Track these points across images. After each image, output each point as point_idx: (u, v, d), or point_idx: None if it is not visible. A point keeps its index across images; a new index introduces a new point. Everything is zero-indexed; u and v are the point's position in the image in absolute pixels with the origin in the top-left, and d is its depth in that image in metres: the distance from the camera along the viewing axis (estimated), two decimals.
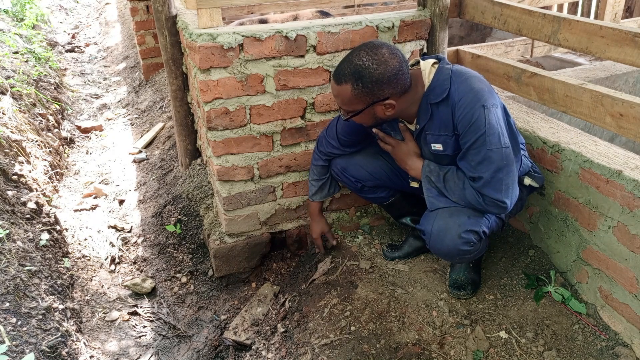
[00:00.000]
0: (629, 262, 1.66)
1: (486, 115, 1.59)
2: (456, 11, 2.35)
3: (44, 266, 2.16)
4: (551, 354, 1.69)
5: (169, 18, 2.59)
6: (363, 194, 2.15)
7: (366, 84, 1.58)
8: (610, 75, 2.80)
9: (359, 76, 1.58)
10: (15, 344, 1.66)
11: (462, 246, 1.71)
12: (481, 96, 1.60)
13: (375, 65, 1.57)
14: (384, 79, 1.58)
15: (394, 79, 1.60)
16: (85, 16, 8.61)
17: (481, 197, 1.66)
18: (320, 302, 2.08)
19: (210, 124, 2.07)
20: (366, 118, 1.71)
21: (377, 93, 1.61)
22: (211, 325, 2.24)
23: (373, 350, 1.77)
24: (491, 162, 1.60)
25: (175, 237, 2.67)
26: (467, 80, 1.65)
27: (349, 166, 2.07)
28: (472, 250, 1.76)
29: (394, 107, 1.66)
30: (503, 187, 1.62)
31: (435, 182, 1.76)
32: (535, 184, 1.84)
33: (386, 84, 1.59)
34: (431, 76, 1.69)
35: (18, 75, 3.83)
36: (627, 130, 1.68)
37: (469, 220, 1.70)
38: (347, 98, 1.63)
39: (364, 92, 1.60)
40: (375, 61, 1.57)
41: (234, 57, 1.98)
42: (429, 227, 1.75)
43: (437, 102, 1.67)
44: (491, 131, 1.59)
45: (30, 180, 2.77)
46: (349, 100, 1.64)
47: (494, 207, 1.67)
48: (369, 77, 1.57)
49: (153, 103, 4.38)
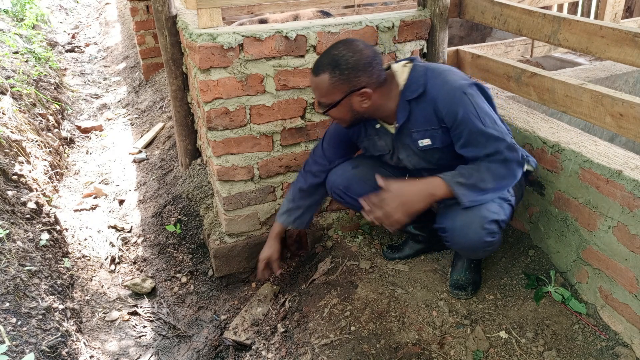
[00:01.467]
0: (629, 262, 1.66)
1: (470, 99, 1.64)
2: (456, 11, 2.35)
3: (44, 266, 2.16)
4: (551, 354, 1.69)
5: (169, 18, 2.59)
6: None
7: (342, 70, 1.64)
8: (610, 75, 2.80)
9: (336, 64, 1.64)
10: (15, 344, 1.66)
11: (486, 237, 1.72)
12: (458, 85, 1.66)
13: (351, 53, 1.64)
14: (359, 65, 1.64)
15: (369, 66, 1.66)
16: (85, 16, 8.61)
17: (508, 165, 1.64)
18: (320, 302, 2.08)
19: (210, 124, 2.07)
20: (344, 111, 1.73)
21: (353, 81, 1.65)
22: (211, 325, 2.24)
23: (373, 350, 1.77)
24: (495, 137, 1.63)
25: (175, 237, 2.67)
26: (441, 74, 1.70)
27: (352, 184, 1.96)
28: (494, 242, 1.78)
29: (370, 98, 1.69)
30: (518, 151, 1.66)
31: (465, 181, 1.64)
32: (531, 168, 1.84)
33: (362, 71, 1.65)
34: (405, 75, 1.74)
35: (18, 75, 3.83)
36: (627, 130, 1.68)
37: (489, 211, 1.71)
38: (325, 88, 1.68)
39: (341, 80, 1.65)
40: (350, 50, 1.65)
41: (234, 57, 1.98)
42: (450, 224, 1.73)
43: (414, 98, 1.71)
44: (481, 110, 1.64)
45: (30, 180, 2.77)
46: (326, 90, 1.68)
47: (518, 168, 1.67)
48: (345, 64, 1.63)
49: (153, 103, 4.38)
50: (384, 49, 2.21)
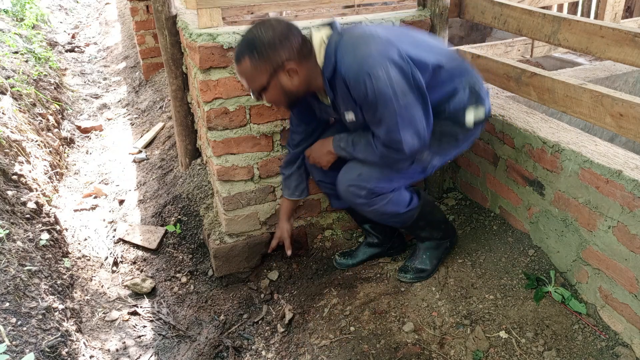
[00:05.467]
0: (629, 262, 1.66)
1: (374, 83, 1.57)
2: (456, 11, 2.35)
3: (44, 266, 2.16)
4: (551, 354, 1.69)
5: (169, 18, 2.59)
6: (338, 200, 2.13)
7: (260, 51, 1.60)
8: (610, 75, 2.80)
9: (252, 46, 1.61)
10: (15, 344, 1.66)
11: (352, 198, 1.86)
12: (365, 63, 1.58)
13: (263, 32, 1.62)
14: (274, 41, 1.61)
15: (285, 40, 1.62)
16: (85, 16, 8.61)
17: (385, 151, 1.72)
18: (320, 302, 2.08)
19: (210, 124, 2.07)
20: (276, 93, 1.70)
21: (273, 58, 1.61)
22: (211, 325, 2.24)
23: (373, 350, 1.77)
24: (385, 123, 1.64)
25: (175, 237, 2.67)
26: (352, 49, 1.63)
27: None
28: (367, 204, 1.86)
29: (297, 73, 1.66)
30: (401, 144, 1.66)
31: (344, 146, 1.84)
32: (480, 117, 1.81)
33: (279, 46, 1.61)
34: (322, 53, 1.70)
35: (18, 75, 3.83)
36: (627, 130, 1.68)
37: (358, 177, 1.82)
38: (250, 73, 1.64)
39: (262, 60, 1.61)
40: (262, 29, 1.63)
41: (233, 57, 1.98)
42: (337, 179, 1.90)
43: (330, 77, 1.69)
44: (381, 97, 1.59)
45: (30, 180, 2.77)
46: (252, 75, 1.65)
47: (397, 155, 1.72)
48: (261, 43, 1.60)
49: (153, 103, 4.38)
50: None
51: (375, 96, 1.58)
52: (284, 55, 1.62)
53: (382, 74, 1.57)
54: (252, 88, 1.70)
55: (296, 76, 1.66)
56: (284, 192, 2.16)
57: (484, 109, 1.82)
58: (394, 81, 1.58)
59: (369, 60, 1.58)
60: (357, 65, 1.59)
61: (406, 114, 1.62)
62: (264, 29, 1.62)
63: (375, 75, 1.56)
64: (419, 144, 1.68)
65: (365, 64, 1.57)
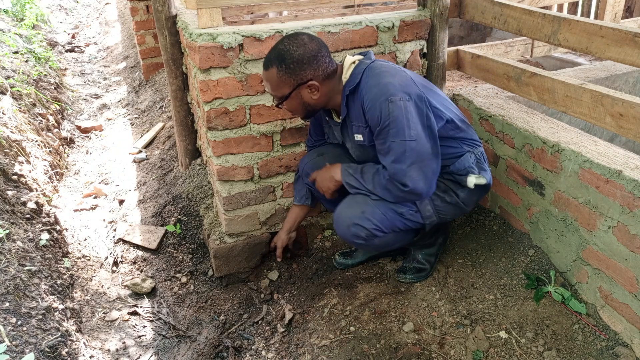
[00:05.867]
0: (629, 262, 1.66)
1: (390, 108, 1.64)
2: (456, 11, 2.35)
3: (44, 266, 2.16)
4: (551, 354, 1.69)
5: (169, 18, 2.59)
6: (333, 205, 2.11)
7: (288, 64, 1.68)
8: (610, 75, 2.80)
9: (282, 58, 1.69)
10: (15, 344, 1.66)
11: (350, 237, 1.85)
12: (387, 90, 1.66)
13: (295, 47, 1.69)
14: (304, 59, 1.69)
15: (313, 60, 1.70)
16: (85, 16, 8.61)
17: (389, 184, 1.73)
18: (320, 302, 2.08)
19: (210, 124, 2.07)
20: (296, 104, 1.78)
21: (299, 74, 1.70)
22: (211, 325, 2.24)
23: (373, 350, 1.77)
24: (393, 154, 1.68)
25: (175, 237, 2.67)
26: (378, 75, 1.71)
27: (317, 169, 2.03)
28: (364, 244, 1.87)
29: (318, 90, 1.74)
30: (406, 178, 1.68)
31: (353, 173, 1.86)
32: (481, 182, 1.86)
33: (307, 64, 1.69)
34: (350, 71, 1.78)
35: (18, 75, 3.83)
36: (627, 130, 1.68)
37: (361, 215, 1.81)
38: (274, 82, 1.73)
39: (288, 73, 1.70)
40: (295, 44, 1.69)
41: (234, 57, 1.98)
42: (336, 211, 1.90)
43: (348, 94, 1.76)
44: (394, 124, 1.65)
45: (30, 180, 2.77)
46: (276, 84, 1.73)
47: (400, 192, 1.73)
48: (290, 58, 1.68)
49: (153, 103, 4.38)
50: (384, 48, 2.21)
51: (389, 122, 1.65)
52: (309, 74, 1.71)
53: (400, 104, 1.64)
54: (274, 94, 1.78)
55: (317, 93, 1.75)
56: (295, 198, 2.19)
57: (485, 180, 1.88)
58: (409, 114, 1.65)
59: (390, 88, 1.66)
60: (378, 90, 1.67)
61: (415, 148, 1.66)
62: (296, 44, 1.69)
63: (394, 102, 1.64)
64: (424, 184, 1.70)
65: (386, 91, 1.66)
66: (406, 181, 1.69)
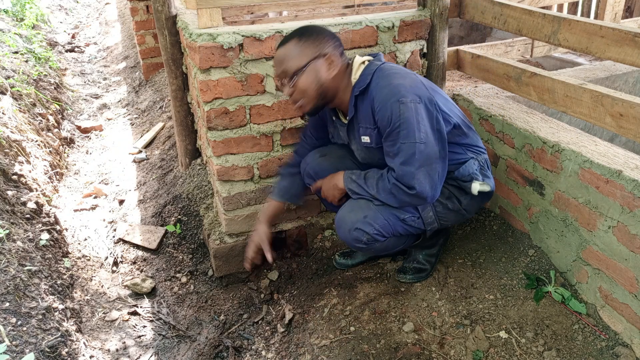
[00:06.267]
0: (629, 262, 1.66)
1: (401, 110, 1.63)
2: (456, 11, 2.35)
3: (44, 266, 2.16)
4: (551, 354, 1.69)
5: (169, 18, 2.59)
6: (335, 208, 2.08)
7: (310, 35, 1.72)
8: (610, 75, 2.80)
9: (302, 32, 1.73)
10: (15, 344, 1.66)
11: (352, 241, 1.84)
12: (398, 91, 1.65)
13: (315, 26, 1.77)
14: (324, 32, 1.74)
15: (333, 38, 1.75)
16: (85, 16, 8.61)
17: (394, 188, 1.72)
18: (320, 302, 2.08)
19: (210, 124, 2.07)
20: (310, 80, 1.71)
21: (319, 44, 1.71)
22: (211, 325, 2.24)
23: (373, 350, 1.77)
24: (402, 155, 1.66)
25: (175, 237, 2.67)
26: (389, 77, 1.70)
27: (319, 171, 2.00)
28: (365, 248, 1.86)
29: (336, 67, 1.73)
30: (414, 180, 1.68)
31: (356, 179, 1.84)
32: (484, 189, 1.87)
33: (327, 38, 1.73)
34: (359, 72, 1.77)
35: (18, 75, 3.83)
36: (627, 130, 1.68)
37: (363, 219, 1.80)
38: (292, 53, 1.71)
39: (308, 43, 1.70)
40: (314, 25, 1.79)
41: (234, 57, 1.98)
42: (338, 214, 1.89)
43: (357, 95, 1.75)
44: (405, 126, 1.64)
45: (30, 180, 2.77)
46: (293, 55, 1.70)
47: (405, 196, 1.72)
48: (312, 30, 1.73)
49: (153, 103, 4.38)
50: (384, 48, 2.21)
51: (399, 123, 1.64)
52: (328, 47, 1.72)
53: (411, 105, 1.64)
54: (287, 69, 1.72)
55: (334, 69, 1.73)
56: (272, 193, 2.11)
57: (489, 187, 1.88)
58: (420, 116, 1.65)
59: (402, 90, 1.65)
60: (389, 91, 1.66)
61: (424, 151, 1.66)
62: (315, 25, 1.77)
63: (405, 104, 1.63)
64: (430, 188, 1.70)
65: (397, 92, 1.65)
66: (414, 184, 1.68)
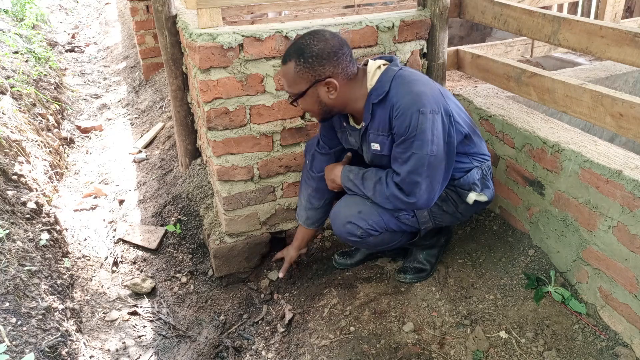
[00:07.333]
0: (629, 262, 1.66)
1: (420, 120, 1.63)
2: (456, 11, 2.35)
3: (44, 266, 2.16)
4: (551, 354, 1.69)
5: (169, 18, 2.59)
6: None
7: (307, 58, 1.65)
8: (610, 75, 2.80)
9: (300, 52, 1.66)
10: (15, 344, 1.66)
11: (345, 235, 1.87)
12: (419, 100, 1.64)
13: (316, 42, 1.66)
14: (323, 54, 1.65)
15: (333, 56, 1.66)
16: (85, 16, 8.61)
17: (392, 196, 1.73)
18: (320, 302, 2.08)
19: (210, 123, 2.07)
20: (311, 102, 1.74)
21: (318, 70, 1.66)
22: (211, 325, 2.24)
23: (373, 350, 1.77)
24: (411, 164, 1.67)
25: (175, 237, 2.67)
26: (409, 84, 1.69)
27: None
28: (359, 242, 1.88)
29: (336, 89, 1.69)
30: (416, 189, 1.69)
31: (353, 179, 1.86)
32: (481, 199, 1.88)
33: (326, 60, 1.66)
34: (376, 77, 1.74)
35: (18, 75, 3.83)
36: (627, 130, 1.68)
37: (357, 214, 1.83)
38: (291, 76, 1.69)
39: (306, 68, 1.66)
40: (315, 39, 1.67)
41: (234, 57, 1.98)
42: (333, 209, 1.93)
43: (376, 102, 1.72)
44: (420, 136, 1.64)
45: (30, 180, 2.77)
46: (293, 79, 1.70)
47: (401, 204, 1.74)
48: (310, 52, 1.65)
49: (153, 103, 4.38)
50: (384, 49, 2.20)
51: (415, 133, 1.64)
52: (328, 71, 1.67)
53: (430, 116, 1.64)
54: (290, 91, 1.74)
55: (335, 92, 1.70)
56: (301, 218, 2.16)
57: (486, 197, 1.89)
58: (435, 129, 1.66)
59: (423, 98, 1.65)
60: (411, 98, 1.65)
61: (433, 163, 1.68)
62: (317, 39, 1.66)
63: (424, 114, 1.63)
64: (427, 198, 1.71)
65: (419, 100, 1.64)
66: (415, 192, 1.69)
